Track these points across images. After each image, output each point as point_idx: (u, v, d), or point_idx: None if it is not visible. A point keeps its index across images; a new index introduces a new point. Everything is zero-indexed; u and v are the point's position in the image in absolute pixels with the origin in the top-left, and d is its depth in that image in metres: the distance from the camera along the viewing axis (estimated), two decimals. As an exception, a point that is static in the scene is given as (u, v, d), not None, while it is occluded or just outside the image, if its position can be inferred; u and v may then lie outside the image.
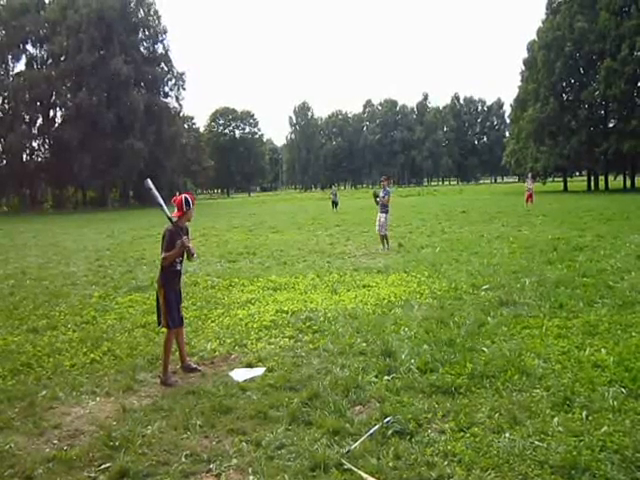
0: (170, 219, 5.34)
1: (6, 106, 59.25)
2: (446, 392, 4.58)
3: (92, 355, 6.04)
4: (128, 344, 6.40)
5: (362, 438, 3.85)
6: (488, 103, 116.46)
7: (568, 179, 55.85)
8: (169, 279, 5.42)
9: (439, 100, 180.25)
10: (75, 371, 5.60)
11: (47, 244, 19.76)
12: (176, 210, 5.54)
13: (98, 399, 4.89)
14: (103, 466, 3.68)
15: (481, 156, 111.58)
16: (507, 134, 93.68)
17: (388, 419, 4.06)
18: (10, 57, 59.63)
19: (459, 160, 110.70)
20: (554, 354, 5.34)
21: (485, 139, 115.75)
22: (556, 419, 3.98)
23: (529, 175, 31.31)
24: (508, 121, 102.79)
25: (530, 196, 27.68)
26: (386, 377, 4.95)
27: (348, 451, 3.69)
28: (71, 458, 3.79)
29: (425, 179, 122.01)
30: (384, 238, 13.77)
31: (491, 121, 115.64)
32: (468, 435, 3.84)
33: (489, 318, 6.70)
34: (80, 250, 17.04)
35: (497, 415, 4.10)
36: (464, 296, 8.05)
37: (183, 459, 3.73)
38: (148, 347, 6.26)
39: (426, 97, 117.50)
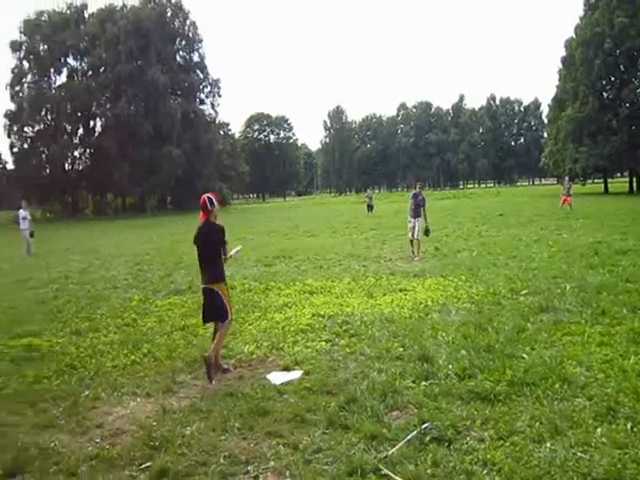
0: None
1: (49, 117, 61.38)
2: (485, 399, 4.49)
3: (133, 357, 6.18)
4: (167, 346, 6.52)
5: (400, 444, 3.81)
6: (525, 103, 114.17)
7: (609, 180, 54.07)
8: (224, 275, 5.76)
9: (475, 101, 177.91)
10: (116, 372, 5.74)
11: (88, 249, 20.34)
12: (202, 212, 5.77)
13: (139, 400, 5.00)
14: (144, 465, 3.76)
15: (518, 158, 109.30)
16: (545, 135, 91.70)
17: (426, 425, 4.01)
18: (52, 70, 61.91)
19: (496, 162, 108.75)
20: (597, 362, 5.17)
21: (522, 140, 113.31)
22: (599, 430, 3.85)
23: (566, 178, 30.57)
24: (546, 121, 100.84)
25: (566, 199, 27.10)
26: (424, 382, 4.90)
27: (386, 456, 3.67)
28: (113, 457, 3.89)
29: (461, 182, 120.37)
30: (419, 244, 13.45)
31: (528, 122, 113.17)
32: (508, 444, 3.76)
33: (529, 324, 6.55)
34: (120, 255, 17.47)
35: (538, 424, 4.00)
36: (502, 301, 7.89)
37: (221, 460, 3.78)
38: (187, 349, 6.36)
39: (462, 98, 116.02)
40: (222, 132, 75.94)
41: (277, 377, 5.32)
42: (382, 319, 7.20)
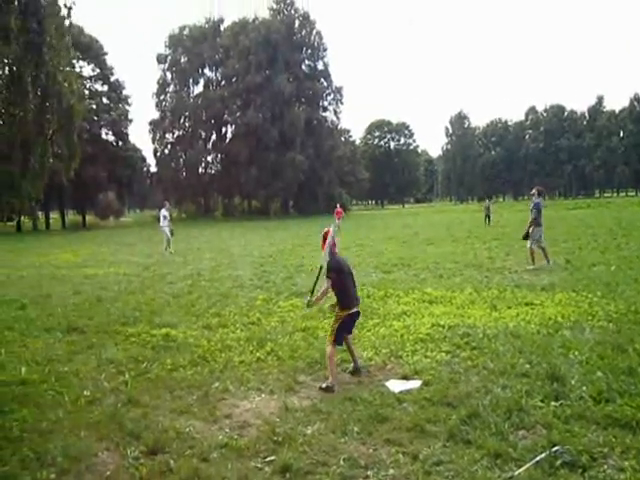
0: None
1: (187, 124, 66.67)
2: (625, 426, 4.12)
3: (257, 354, 6.48)
4: (289, 346, 6.75)
5: (527, 464, 3.62)
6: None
7: None
8: None
9: (615, 103, 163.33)
10: (243, 367, 6.06)
11: (218, 249, 21.69)
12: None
13: (263, 395, 5.24)
14: (268, 458, 3.93)
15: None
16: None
17: (557, 448, 3.76)
18: (191, 80, 67.33)
19: (639, 169, 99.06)
20: None
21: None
22: None
23: None
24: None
25: None
26: (553, 403, 4.60)
27: (511, 477, 3.51)
28: (240, 447, 4.11)
29: (596, 190, 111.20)
30: (533, 253, 12.72)
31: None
32: (653, 477, 3.42)
33: (679, 347, 5.89)
34: (246, 255, 18.41)
35: (691, 459, 3.59)
36: (646, 321, 7.18)
37: (341, 462, 3.83)
38: (308, 351, 6.54)
39: (600, 100, 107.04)
40: (343, 139, 77.13)
41: (396, 385, 5.29)
42: (506, 333, 6.87)
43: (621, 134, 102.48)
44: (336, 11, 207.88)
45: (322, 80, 68.01)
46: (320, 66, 68.46)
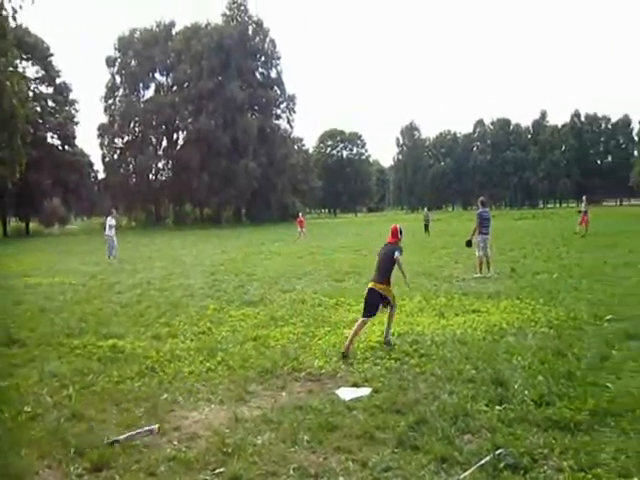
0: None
1: (137, 129, 65.27)
2: (564, 428, 4.31)
3: (208, 364, 6.40)
4: (240, 356, 6.70)
5: (472, 468, 3.72)
6: (613, 120, 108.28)
7: None
8: None
9: (557, 118, 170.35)
10: (192, 378, 5.96)
11: (168, 257, 21.30)
12: (391, 236, 7.56)
13: (213, 406, 5.17)
14: (218, 470, 3.88)
15: (605, 177, 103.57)
16: (635, 153, 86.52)
17: (500, 451, 3.89)
18: (141, 85, 65.98)
19: (579, 181, 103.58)
20: (690, 396, 4.83)
21: (609, 159, 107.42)
22: (696, 467, 3.60)
23: (583, 198, 28.80)
24: (636, 139, 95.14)
25: (584, 219, 25.69)
26: (497, 407, 4.76)
27: (457, 480, 3.59)
28: (189, 459, 4.04)
29: (540, 201, 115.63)
30: (480, 261, 13.15)
31: (617, 140, 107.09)
32: (590, 476, 3.60)
33: (614, 351, 6.23)
34: (197, 264, 18.16)
35: (624, 457, 3.80)
36: (584, 327, 7.53)
37: (291, 472, 3.83)
38: (259, 360, 6.50)
39: (544, 115, 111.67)
40: (296, 147, 77.40)
41: (346, 393, 5.33)
42: (454, 340, 7.06)
43: (563, 148, 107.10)
44: (289, 20, 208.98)
45: (275, 88, 68.15)
46: (273, 74, 68.66)
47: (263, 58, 67.67)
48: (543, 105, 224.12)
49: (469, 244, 13.59)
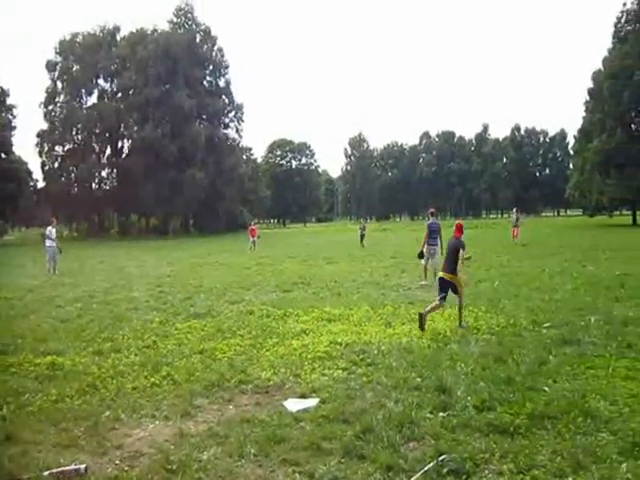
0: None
1: (79, 137, 63.15)
2: (504, 432, 4.45)
3: (152, 379, 6.24)
4: (186, 369, 6.57)
5: (416, 475, 3.79)
6: (551, 134, 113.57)
7: (638, 212, 53.27)
8: None
9: (498, 131, 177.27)
10: (136, 394, 5.80)
11: (113, 269, 20.68)
12: (457, 231, 9.31)
13: (157, 422, 5.04)
14: (161, 489, 3.78)
15: (543, 188, 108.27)
16: (571, 166, 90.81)
17: (444, 457, 3.98)
18: (84, 91, 63.76)
19: (519, 192, 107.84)
20: (622, 397, 5.11)
21: (547, 171, 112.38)
22: (624, 465, 3.80)
23: (514, 209, 30.34)
24: (572, 152, 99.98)
25: (515, 230, 27.10)
26: (441, 414, 4.86)
27: (402, 488, 3.64)
28: (131, 479, 3.91)
29: (483, 211, 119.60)
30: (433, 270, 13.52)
31: (554, 152, 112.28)
32: (528, 478, 3.74)
33: (551, 357, 6.48)
34: (143, 276, 17.71)
35: (559, 458, 3.96)
36: (524, 333, 7.83)
37: (237, 487, 3.78)
38: (205, 373, 6.40)
39: (486, 129, 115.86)
40: (245, 156, 77.12)
41: (294, 404, 5.32)
42: (400, 348, 7.18)
43: (504, 160, 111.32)
44: (237, 29, 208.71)
45: (223, 97, 67.77)
46: (221, 83, 68.38)
47: (211, 66, 67.20)
48: (485, 118, 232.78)
49: (421, 255, 13.79)
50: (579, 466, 3.82)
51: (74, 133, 62.80)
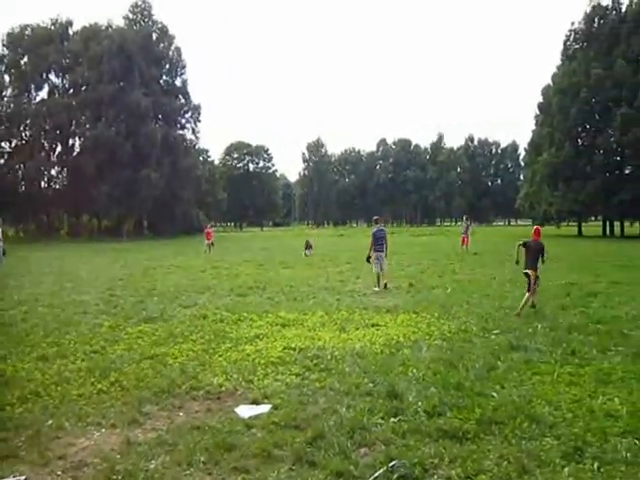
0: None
1: (27, 133, 60.74)
2: (453, 437, 4.52)
3: (99, 385, 6.05)
4: (135, 375, 6.41)
5: (367, 482, 3.79)
6: (503, 145, 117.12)
7: (583, 224, 55.55)
8: None
9: (453, 141, 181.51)
10: (82, 401, 5.61)
11: (61, 272, 19.98)
12: (536, 235, 10.50)
13: (103, 430, 4.89)
14: (105, 500, 3.65)
15: (494, 198, 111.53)
16: (521, 177, 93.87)
17: (394, 463, 4.00)
18: (33, 86, 61.20)
19: (472, 201, 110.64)
20: (565, 402, 5.27)
21: (499, 181, 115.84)
22: (567, 469, 3.92)
23: (464, 217, 31.40)
24: (522, 164, 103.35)
25: (465, 239, 27.93)
26: (392, 419, 4.90)
27: (352, 495, 3.64)
28: (73, 490, 3.77)
29: (438, 219, 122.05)
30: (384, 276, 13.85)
31: (505, 164, 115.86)
32: (475, 483, 3.78)
33: (499, 362, 6.64)
34: (93, 279, 17.19)
35: (505, 463, 4.04)
36: (474, 339, 8.00)
37: (185, 496, 3.70)
38: (155, 379, 6.26)
39: (441, 138, 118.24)
40: (201, 158, 76.15)
41: (245, 411, 5.26)
42: (353, 354, 7.21)
43: (458, 169, 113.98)
44: (195, 29, 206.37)
45: (180, 97, 66.62)
46: (178, 82, 67.16)
47: (168, 65, 65.90)
48: (441, 128, 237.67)
49: (369, 260, 14.22)
50: (524, 470, 3.92)
51: (22, 129, 60.35)
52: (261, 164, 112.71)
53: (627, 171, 47.91)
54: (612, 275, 15.82)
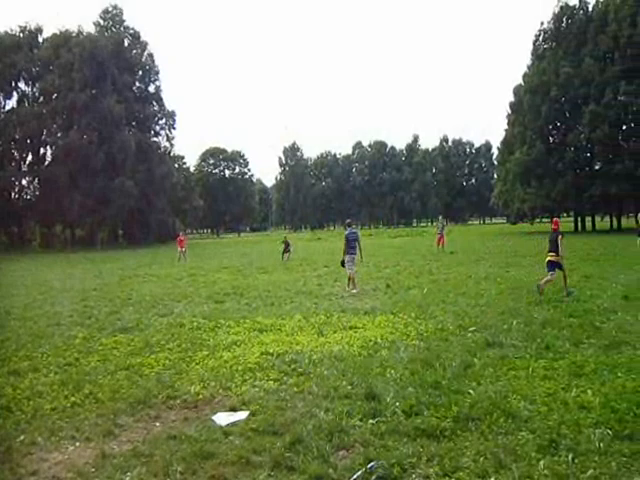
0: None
1: (-4, 143, 59.40)
2: (431, 436, 4.54)
3: (73, 398, 5.93)
4: (110, 387, 6.30)
5: (345, 484, 3.78)
6: (476, 145, 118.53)
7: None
8: None
9: (428, 142, 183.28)
10: (55, 415, 5.49)
11: (34, 283, 19.58)
12: (555, 226, 11.77)
13: (77, 444, 4.79)
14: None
15: (469, 197, 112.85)
16: (495, 176, 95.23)
17: (372, 464, 4.01)
18: (2, 94, 59.86)
19: (448, 201, 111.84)
20: (540, 396, 5.34)
21: (473, 181, 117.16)
22: (542, 462, 3.96)
23: (440, 217, 31.85)
24: (496, 163, 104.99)
25: (441, 239, 28.23)
26: (371, 420, 4.90)
27: (331, 498, 3.63)
28: (46, 507, 3.69)
29: (414, 220, 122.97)
30: (353, 278, 13.90)
31: (479, 163, 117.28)
32: (453, 480, 3.80)
33: (475, 360, 6.69)
34: (66, 290, 16.88)
35: (482, 459, 4.07)
36: (451, 337, 8.06)
37: (161, 507, 3.64)
38: (131, 390, 6.16)
39: (416, 139, 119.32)
40: (177, 165, 75.58)
41: (223, 418, 5.21)
42: (331, 357, 7.19)
43: (433, 170, 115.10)
44: (168, 35, 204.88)
45: (154, 103, 66.03)
46: (152, 89, 66.63)
47: (141, 72, 65.32)
48: (416, 129, 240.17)
49: (343, 264, 14.19)
50: (501, 465, 3.95)
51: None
52: (237, 169, 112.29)
53: (597, 167, 49.04)
54: (584, 269, 16.13)
